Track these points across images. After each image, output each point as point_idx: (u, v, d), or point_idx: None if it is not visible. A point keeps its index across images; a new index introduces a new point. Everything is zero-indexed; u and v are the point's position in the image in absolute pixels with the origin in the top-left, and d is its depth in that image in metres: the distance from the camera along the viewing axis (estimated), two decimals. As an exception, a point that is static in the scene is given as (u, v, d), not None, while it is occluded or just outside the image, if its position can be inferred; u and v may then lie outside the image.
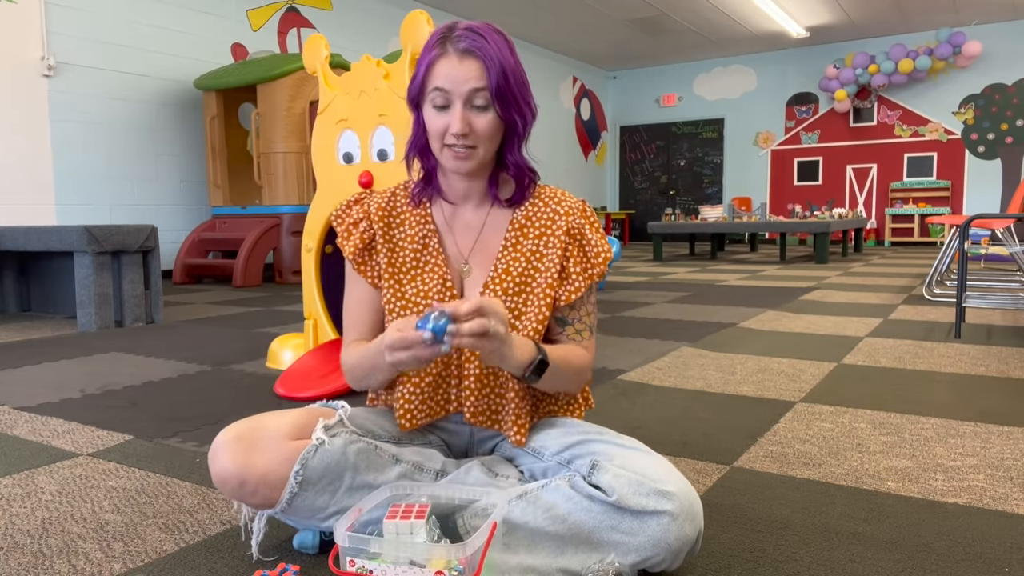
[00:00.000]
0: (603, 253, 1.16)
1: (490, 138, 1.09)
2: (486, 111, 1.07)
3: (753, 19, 9.77)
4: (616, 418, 1.88)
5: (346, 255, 1.19)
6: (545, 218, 1.17)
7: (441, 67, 1.06)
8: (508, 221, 1.18)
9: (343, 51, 7.53)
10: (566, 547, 0.98)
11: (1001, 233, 4.49)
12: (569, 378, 1.14)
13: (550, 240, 1.16)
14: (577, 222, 1.17)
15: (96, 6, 5.74)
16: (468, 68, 1.05)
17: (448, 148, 1.09)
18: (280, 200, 5.81)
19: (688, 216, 9.41)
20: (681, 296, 4.62)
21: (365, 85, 2.20)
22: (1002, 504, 1.30)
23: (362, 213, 1.19)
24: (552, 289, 1.14)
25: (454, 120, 1.06)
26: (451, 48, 1.06)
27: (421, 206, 1.19)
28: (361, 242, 1.18)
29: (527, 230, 1.17)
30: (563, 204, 1.18)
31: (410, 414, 1.15)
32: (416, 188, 1.19)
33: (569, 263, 1.16)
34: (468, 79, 1.05)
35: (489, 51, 1.06)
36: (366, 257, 1.18)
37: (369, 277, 1.18)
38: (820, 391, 2.15)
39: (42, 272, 4.22)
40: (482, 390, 1.14)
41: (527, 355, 1.04)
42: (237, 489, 1.01)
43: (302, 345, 2.52)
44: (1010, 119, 10.10)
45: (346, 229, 1.19)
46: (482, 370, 1.13)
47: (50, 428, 1.85)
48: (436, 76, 1.06)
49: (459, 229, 1.18)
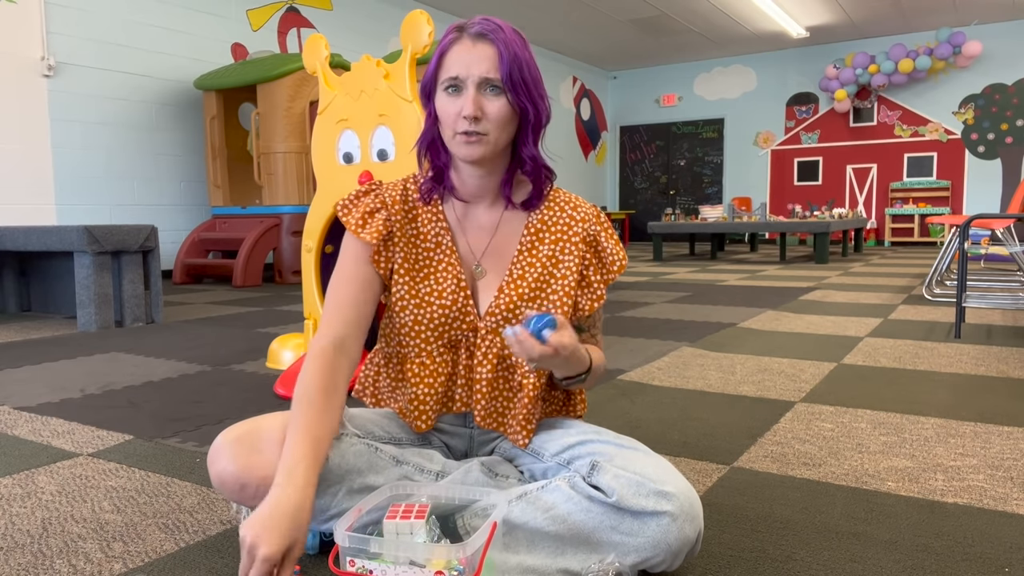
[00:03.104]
0: (618, 261, 1.16)
1: (502, 125, 1.06)
2: (499, 96, 1.05)
3: (753, 19, 9.77)
4: (616, 418, 1.88)
5: (367, 241, 1.12)
6: (562, 223, 1.15)
7: (454, 52, 1.05)
8: (523, 225, 1.16)
9: (343, 51, 7.54)
10: (566, 547, 0.98)
11: (1001, 233, 4.49)
12: (592, 384, 1.15)
13: (567, 246, 1.14)
14: (593, 229, 1.16)
15: (96, 6, 5.74)
16: (481, 51, 1.04)
17: (459, 134, 1.06)
18: (280, 200, 5.81)
19: (688, 216, 9.41)
20: (681, 296, 4.62)
21: (365, 85, 2.20)
22: (1002, 504, 1.30)
23: (379, 203, 1.15)
24: (569, 297, 1.13)
25: (466, 103, 1.04)
26: (464, 34, 1.06)
27: (433, 203, 1.16)
28: (384, 230, 1.12)
29: (543, 235, 1.15)
30: (579, 210, 1.16)
31: (425, 415, 1.14)
32: (425, 185, 1.15)
33: (589, 271, 1.15)
34: (481, 61, 1.03)
35: (502, 36, 1.05)
36: (384, 248, 1.14)
37: (383, 270, 1.13)
38: (820, 391, 2.15)
39: (42, 272, 4.22)
40: (492, 393, 1.13)
41: (579, 368, 1.07)
42: (237, 491, 1.00)
43: (302, 345, 2.52)
44: (1010, 119, 10.10)
45: (361, 217, 1.13)
46: (493, 374, 1.12)
47: (50, 428, 1.85)
48: (449, 61, 1.05)
49: (471, 229, 1.16)
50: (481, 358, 1.12)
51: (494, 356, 1.12)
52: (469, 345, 1.13)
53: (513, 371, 1.13)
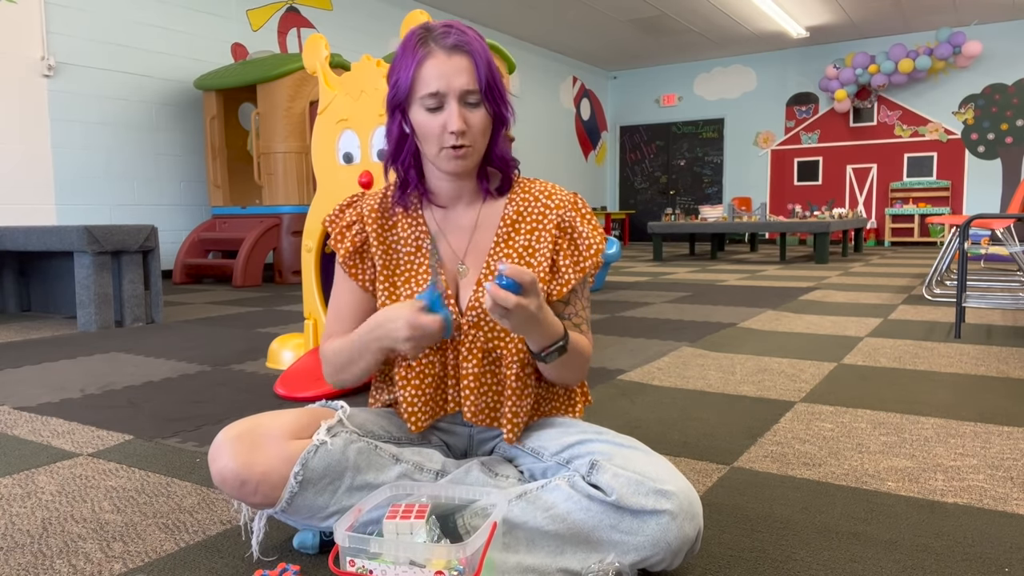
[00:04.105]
0: (595, 245, 1.15)
1: (484, 134, 1.10)
2: (478, 107, 1.07)
3: (753, 19, 9.77)
4: (616, 418, 1.88)
5: (339, 258, 1.18)
6: (536, 213, 1.17)
7: (430, 66, 1.05)
8: (499, 217, 1.18)
9: (343, 51, 7.54)
10: (566, 547, 0.98)
11: (1001, 233, 4.49)
12: (577, 366, 1.13)
13: (541, 235, 1.16)
14: (568, 215, 1.16)
15: (96, 6, 5.74)
16: (457, 63, 1.05)
17: (445, 149, 1.08)
18: (280, 200, 5.81)
19: (688, 216, 9.41)
20: (681, 296, 4.62)
21: (365, 85, 2.20)
22: (1002, 504, 1.30)
23: (355, 216, 1.19)
24: (545, 284, 1.14)
25: (451, 118, 1.05)
26: (436, 46, 1.05)
27: (412, 209, 1.19)
28: (352, 245, 1.17)
29: (519, 226, 1.17)
30: (553, 198, 1.17)
31: (415, 416, 1.15)
32: (395, 196, 1.18)
33: (559, 257, 1.15)
34: (459, 74, 1.05)
35: (475, 46, 1.06)
36: (357, 260, 1.18)
37: (360, 280, 1.18)
38: (820, 391, 2.15)
39: (42, 272, 4.22)
40: (480, 388, 1.14)
41: (554, 335, 1.05)
42: (238, 488, 1.01)
43: (302, 345, 2.52)
44: (1010, 119, 10.10)
45: (339, 232, 1.19)
46: (480, 369, 1.13)
47: (50, 428, 1.85)
48: (427, 76, 1.05)
49: (452, 231, 1.18)
50: (466, 354, 1.13)
51: (478, 350, 1.12)
52: (455, 344, 1.14)
53: (499, 364, 1.14)
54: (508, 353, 1.11)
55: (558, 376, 1.14)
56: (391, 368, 1.21)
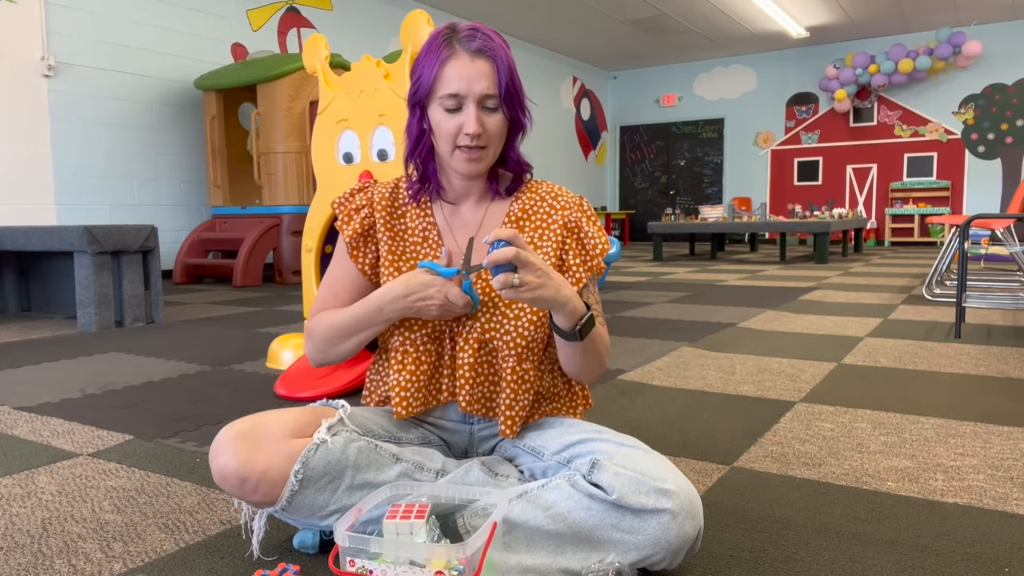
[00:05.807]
0: (600, 245, 1.17)
1: (500, 138, 1.12)
2: (495, 112, 1.09)
3: (753, 19, 9.77)
4: (616, 418, 1.89)
5: (344, 238, 1.19)
6: (542, 212, 1.18)
7: (453, 67, 1.07)
8: (504, 215, 1.19)
9: (343, 51, 7.54)
10: (566, 546, 0.98)
11: (1001, 233, 4.49)
12: (600, 353, 1.12)
13: (546, 234, 1.17)
14: (574, 216, 1.18)
15: (96, 6, 5.74)
16: (479, 68, 1.07)
17: (460, 150, 1.10)
18: (280, 200, 5.81)
19: (688, 216, 9.41)
20: (681, 296, 4.62)
21: (365, 85, 2.20)
22: (1002, 504, 1.30)
23: (365, 200, 1.21)
24: None
25: (469, 121, 1.07)
26: (461, 48, 1.07)
27: (422, 203, 1.21)
28: (360, 227, 1.19)
29: (524, 224, 1.18)
30: (559, 199, 1.19)
31: (406, 402, 1.15)
32: (412, 188, 1.20)
33: (568, 256, 1.16)
34: (480, 79, 1.06)
35: (498, 52, 1.08)
36: (361, 243, 1.19)
37: (359, 263, 1.19)
38: (820, 391, 2.15)
39: (42, 272, 4.22)
40: (476, 379, 1.14)
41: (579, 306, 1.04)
42: (238, 486, 1.01)
43: (302, 345, 2.52)
44: (1010, 119, 10.10)
45: (347, 214, 1.20)
46: (476, 358, 1.13)
47: (50, 428, 1.85)
48: (448, 76, 1.07)
49: (459, 227, 1.19)
50: (463, 343, 1.13)
51: (475, 340, 1.13)
52: (453, 335, 1.15)
53: (495, 355, 1.14)
54: (504, 346, 1.12)
55: (583, 364, 1.11)
56: (385, 364, 1.21)
